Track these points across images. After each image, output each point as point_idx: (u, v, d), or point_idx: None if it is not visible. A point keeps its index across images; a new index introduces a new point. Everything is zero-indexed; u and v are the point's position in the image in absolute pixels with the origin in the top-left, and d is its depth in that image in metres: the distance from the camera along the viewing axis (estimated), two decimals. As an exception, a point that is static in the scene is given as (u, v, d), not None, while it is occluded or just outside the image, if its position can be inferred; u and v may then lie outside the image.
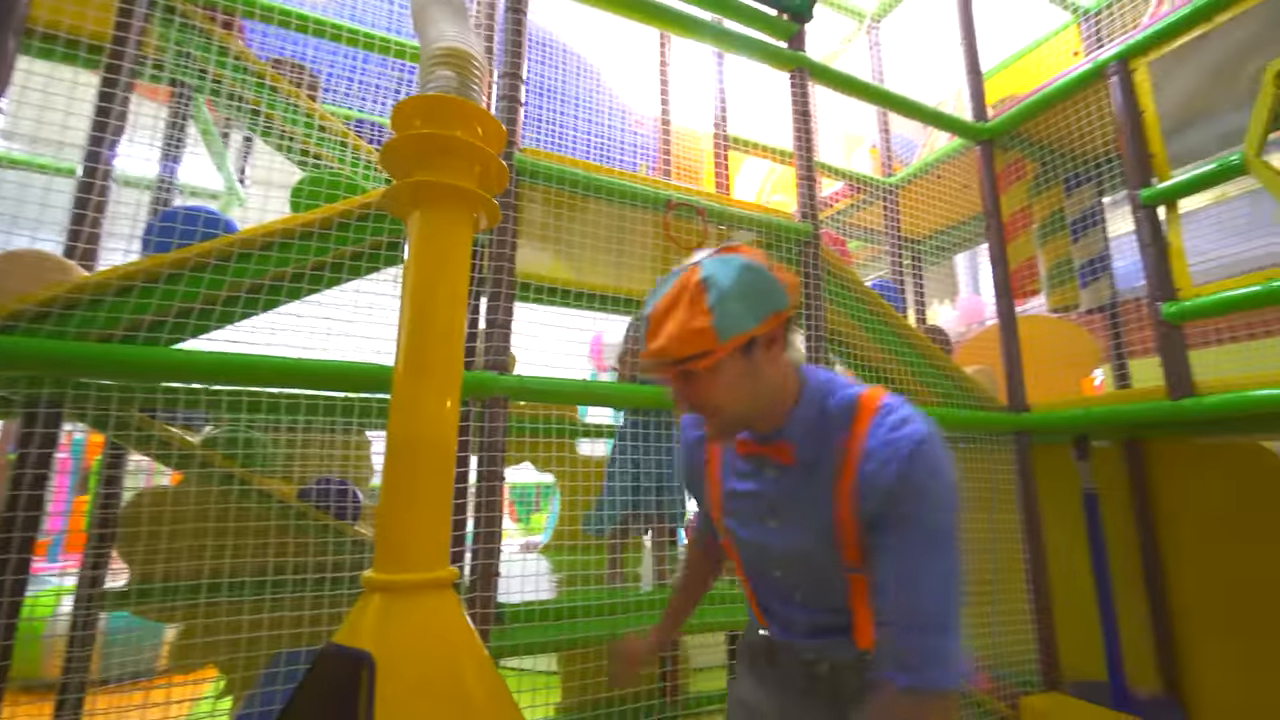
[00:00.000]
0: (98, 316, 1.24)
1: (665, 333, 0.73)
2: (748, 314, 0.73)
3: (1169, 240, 2.05)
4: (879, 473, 0.74)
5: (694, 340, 0.72)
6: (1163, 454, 2.66)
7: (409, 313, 1.05)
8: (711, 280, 0.74)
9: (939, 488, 0.73)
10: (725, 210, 1.93)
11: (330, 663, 0.91)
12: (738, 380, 0.76)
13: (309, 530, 1.76)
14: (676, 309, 0.74)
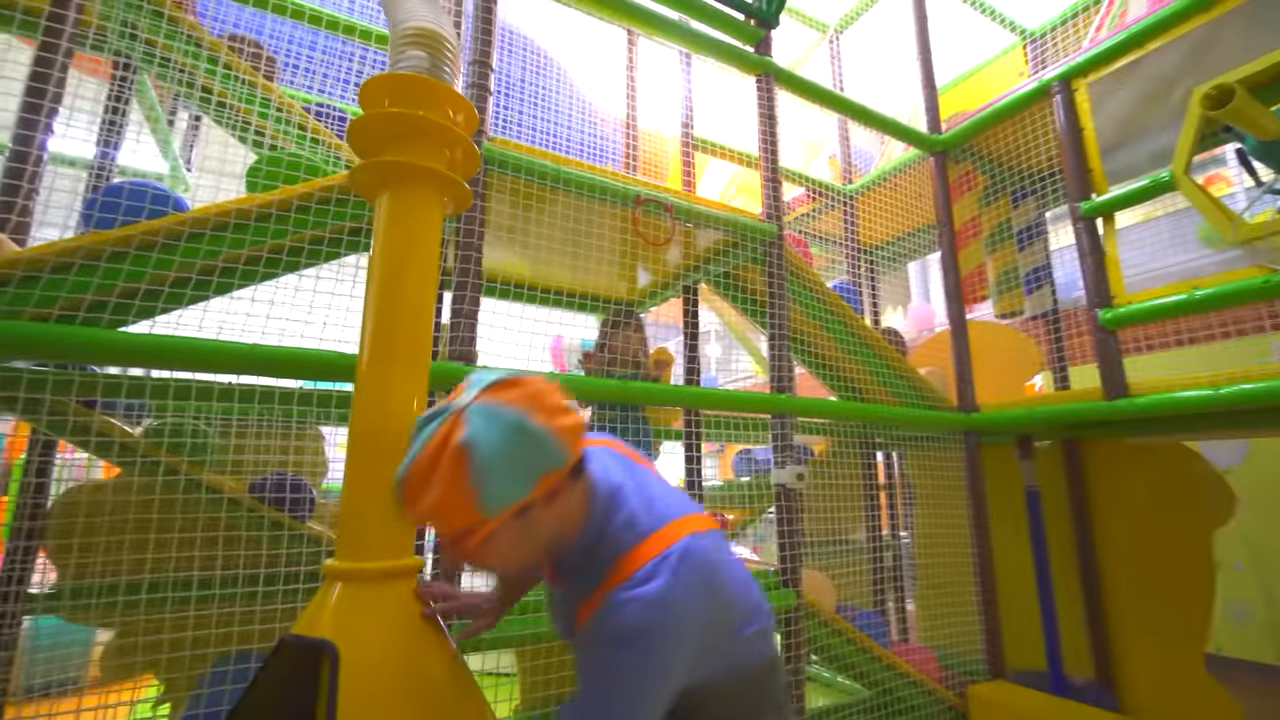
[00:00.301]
0: (32, 295, 1.16)
1: (427, 503, 0.66)
2: (517, 485, 0.67)
3: (1106, 250, 2.18)
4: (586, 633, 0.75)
5: (457, 516, 0.66)
6: (1098, 453, 2.81)
7: (376, 296, 1.03)
8: (474, 447, 0.64)
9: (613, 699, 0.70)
10: (692, 208, 1.95)
11: (289, 653, 0.88)
12: (513, 545, 0.72)
13: (258, 527, 1.68)
14: (436, 476, 0.65)
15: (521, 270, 2.44)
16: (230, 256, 1.35)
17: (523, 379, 0.73)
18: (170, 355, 1.21)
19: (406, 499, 0.68)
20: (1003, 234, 2.92)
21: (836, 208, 3.23)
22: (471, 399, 0.69)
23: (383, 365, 0.99)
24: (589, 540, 0.79)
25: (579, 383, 1.67)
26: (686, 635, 0.73)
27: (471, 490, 0.64)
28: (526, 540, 0.73)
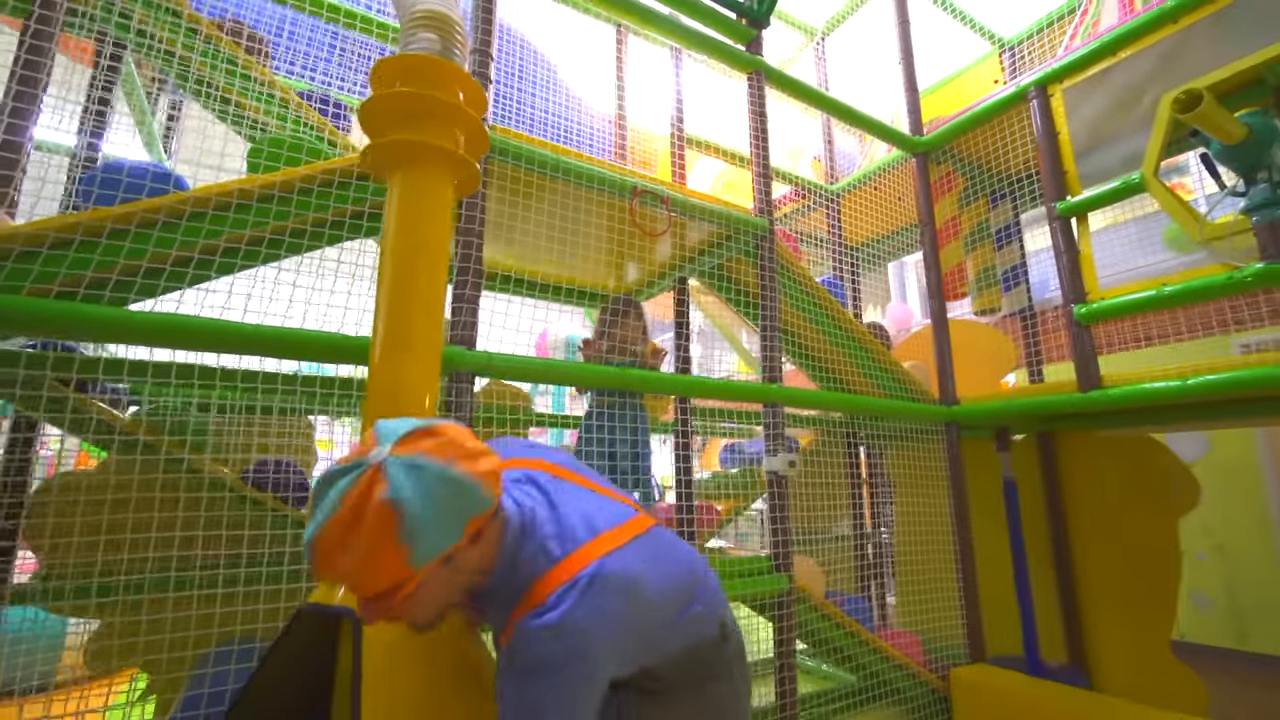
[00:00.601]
0: (30, 270, 1.14)
1: (349, 564, 0.63)
2: (447, 535, 0.67)
3: (1080, 249, 2.28)
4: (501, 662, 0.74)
5: (385, 575, 0.64)
6: (1071, 445, 2.92)
7: (389, 276, 1.04)
8: (403, 504, 0.63)
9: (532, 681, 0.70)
10: (687, 201, 1.99)
11: (308, 621, 0.88)
12: (438, 592, 0.72)
13: (251, 515, 1.67)
14: (359, 536, 0.62)
15: (509, 261, 2.45)
16: (232, 237, 1.34)
17: (436, 427, 0.72)
18: (173, 334, 1.20)
19: (322, 562, 0.63)
20: (981, 234, 3.02)
21: (821, 207, 3.30)
22: (387, 452, 0.66)
23: (396, 342, 1.00)
24: (502, 573, 0.78)
25: (579, 369, 1.69)
26: (597, 655, 0.73)
27: (401, 548, 0.63)
28: (450, 585, 0.73)
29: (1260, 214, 1.83)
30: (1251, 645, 3.29)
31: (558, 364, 1.65)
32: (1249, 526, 3.39)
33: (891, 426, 2.46)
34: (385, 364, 1.00)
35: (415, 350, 1.02)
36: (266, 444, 1.91)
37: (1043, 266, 3.32)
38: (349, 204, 1.47)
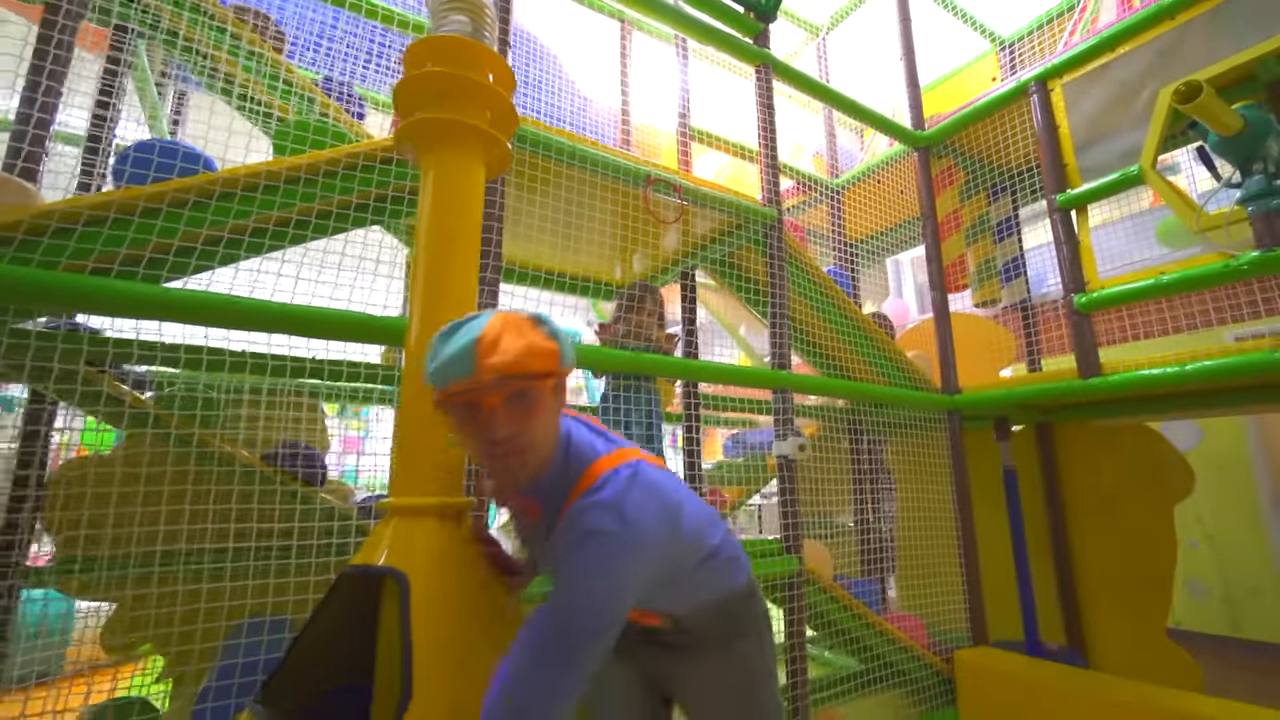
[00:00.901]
0: (66, 247, 1.16)
1: (510, 348, 0.71)
2: (569, 353, 0.78)
3: (1080, 239, 2.33)
4: (556, 542, 0.80)
5: (543, 358, 0.73)
6: (1068, 435, 2.98)
7: (425, 252, 1.06)
8: (541, 317, 0.76)
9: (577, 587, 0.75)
10: (699, 190, 2.02)
11: (351, 583, 0.91)
12: (550, 418, 0.80)
13: (272, 496, 1.68)
14: (513, 331, 0.72)
15: (514, 254, 2.47)
16: (261, 219, 1.36)
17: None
18: (205, 311, 1.22)
19: (483, 349, 0.71)
20: (981, 227, 3.07)
21: (824, 201, 3.34)
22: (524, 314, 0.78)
23: (433, 313, 1.03)
24: (558, 466, 0.86)
25: (597, 352, 1.72)
26: (643, 534, 0.78)
27: (551, 338, 0.75)
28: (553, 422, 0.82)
29: (1256, 204, 1.88)
30: (1245, 632, 3.36)
31: (577, 347, 1.68)
32: (1240, 516, 3.46)
33: (894, 416, 2.50)
34: (424, 336, 1.02)
35: (450, 309, 1.03)
36: (282, 427, 1.93)
37: (1039, 262, 3.39)
38: (373, 187, 1.50)
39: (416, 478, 0.96)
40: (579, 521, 0.77)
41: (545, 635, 0.74)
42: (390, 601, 0.89)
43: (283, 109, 1.84)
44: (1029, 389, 2.40)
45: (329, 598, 0.92)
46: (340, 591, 0.92)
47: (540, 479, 0.86)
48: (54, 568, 1.61)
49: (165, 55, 2.34)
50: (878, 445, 3.17)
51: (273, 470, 1.67)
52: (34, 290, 1.10)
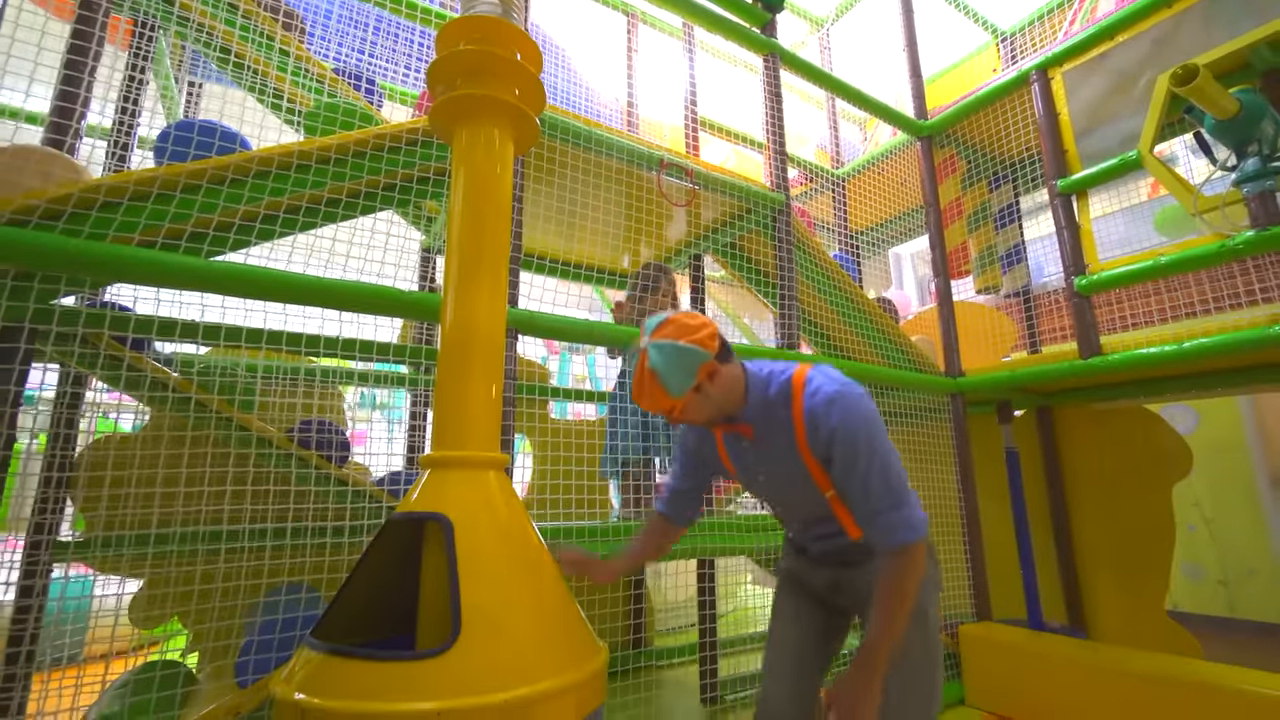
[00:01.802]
0: (113, 220, 1.21)
1: (646, 400, 1.06)
2: (685, 378, 1.03)
3: (1080, 224, 2.39)
4: (816, 429, 1.07)
5: (663, 402, 1.05)
6: (1068, 418, 3.04)
7: (458, 225, 1.11)
8: (655, 368, 1.03)
9: (855, 421, 1.05)
10: (710, 175, 2.07)
11: (396, 529, 0.96)
12: (700, 406, 1.08)
13: (297, 474, 1.73)
14: (645, 387, 1.05)
15: (527, 241, 2.52)
16: (294, 198, 1.41)
17: (670, 318, 1.08)
18: (245, 284, 1.28)
19: (635, 397, 1.07)
20: (982, 215, 3.12)
21: (827, 191, 3.40)
22: (647, 339, 1.06)
23: (469, 278, 1.08)
24: (758, 392, 1.14)
25: (614, 330, 1.77)
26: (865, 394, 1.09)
27: (662, 388, 1.03)
28: (705, 404, 1.08)
29: (1251, 185, 1.93)
30: (1241, 613, 3.42)
31: (595, 325, 1.73)
32: (1238, 499, 3.52)
33: (897, 403, 2.55)
34: (461, 302, 1.07)
35: (486, 275, 1.09)
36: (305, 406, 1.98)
37: (1039, 254, 3.44)
38: (399, 168, 1.55)
39: (455, 433, 1.02)
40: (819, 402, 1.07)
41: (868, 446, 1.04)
42: (435, 544, 0.95)
43: (305, 101, 1.89)
44: (1031, 370, 2.46)
45: (376, 542, 0.97)
46: (385, 537, 0.97)
47: (741, 411, 1.14)
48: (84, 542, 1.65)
49: (183, 45, 2.38)
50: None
51: (295, 446, 1.72)
52: (84, 260, 1.15)
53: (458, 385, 1.03)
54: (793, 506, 1.23)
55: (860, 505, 1.05)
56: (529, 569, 0.96)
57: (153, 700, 1.17)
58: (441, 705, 0.75)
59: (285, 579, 1.60)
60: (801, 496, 1.17)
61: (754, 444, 1.16)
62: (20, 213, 1.14)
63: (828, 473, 1.09)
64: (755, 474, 1.21)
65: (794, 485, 1.15)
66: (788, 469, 1.14)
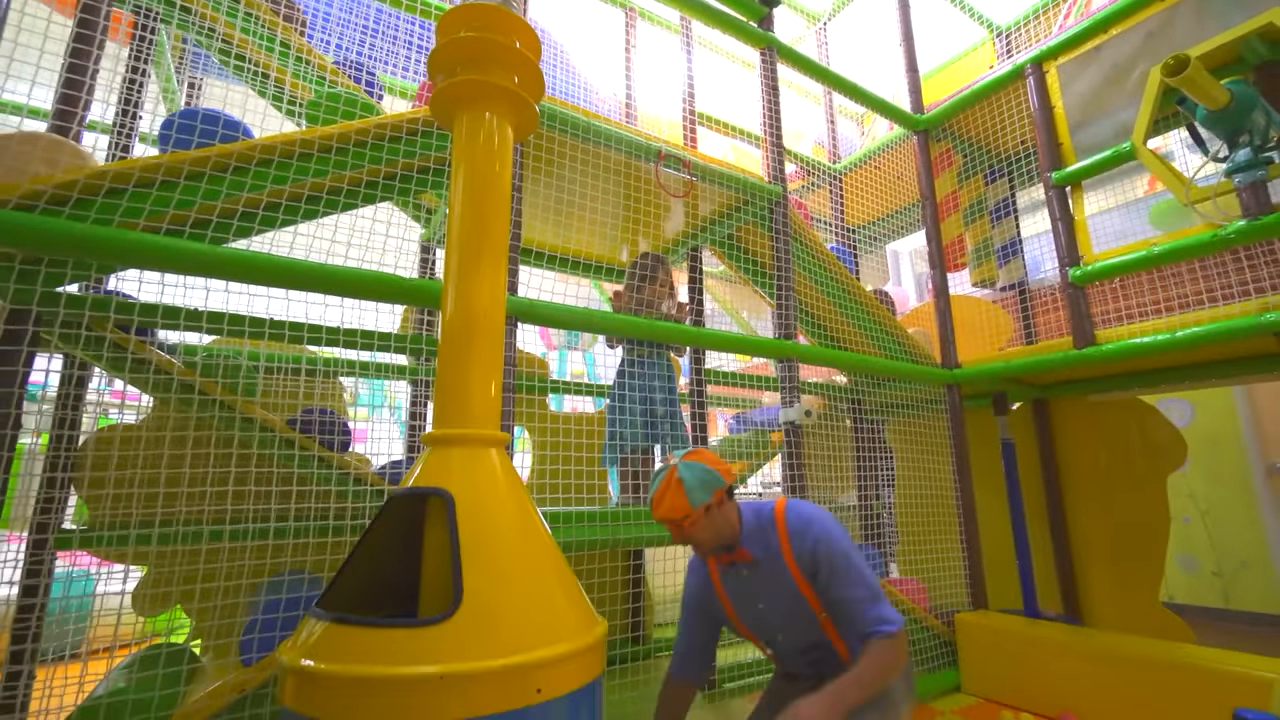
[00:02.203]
0: (118, 206, 1.23)
1: (666, 506, 1.24)
2: (704, 494, 1.24)
3: (1075, 215, 2.41)
4: (802, 542, 1.28)
5: (681, 509, 1.23)
6: (1063, 411, 3.06)
7: (461, 206, 1.13)
8: (683, 480, 1.24)
9: (832, 531, 1.29)
10: (707, 166, 2.09)
11: (400, 504, 0.98)
12: (706, 526, 1.26)
13: (298, 461, 1.74)
14: (668, 494, 1.24)
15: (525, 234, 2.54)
16: (296, 186, 1.43)
17: (699, 450, 1.32)
18: (249, 269, 1.29)
19: (655, 505, 1.25)
20: (978, 209, 3.15)
21: (824, 186, 3.42)
22: (679, 460, 1.28)
23: (471, 264, 1.10)
24: (750, 521, 1.33)
25: (614, 319, 1.79)
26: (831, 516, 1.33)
27: (685, 496, 1.22)
28: (712, 526, 1.27)
29: (1243, 175, 1.96)
30: (1235, 604, 3.44)
31: (595, 313, 1.75)
32: (1233, 492, 3.54)
33: (894, 396, 2.57)
34: (462, 286, 1.09)
35: (486, 260, 1.11)
36: (306, 396, 2.00)
37: (1035, 250, 3.46)
38: (400, 157, 1.57)
39: (456, 412, 1.03)
40: (807, 532, 1.29)
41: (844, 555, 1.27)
42: (437, 519, 0.97)
43: (305, 94, 1.91)
44: (1026, 360, 2.48)
45: (380, 518, 0.99)
46: (389, 513, 0.99)
47: (735, 539, 1.32)
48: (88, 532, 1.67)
49: (184, 39, 2.40)
50: (879, 427, 3.25)
51: (297, 435, 1.73)
52: (90, 244, 1.17)
53: (460, 364, 1.05)
54: (791, 633, 1.35)
55: (849, 605, 1.24)
56: (529, 543, 0.98)
57: (159, 676, 1.18)
58: (444, 669, 0.77)
59: (288, 566, 1.62)
60: (797, 620, 1.31)
61: (751, 569, 1.33)
62: (27, 198, 1.15)
63: (814, 588, 1.28)
64: (755, 603, 1.34)
65: (790, 608, 1.31)
66: (783, 590, 1.30)
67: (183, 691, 1.24)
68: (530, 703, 0.81)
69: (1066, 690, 2.05)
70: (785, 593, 1.29)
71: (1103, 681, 1.97)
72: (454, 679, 0.77)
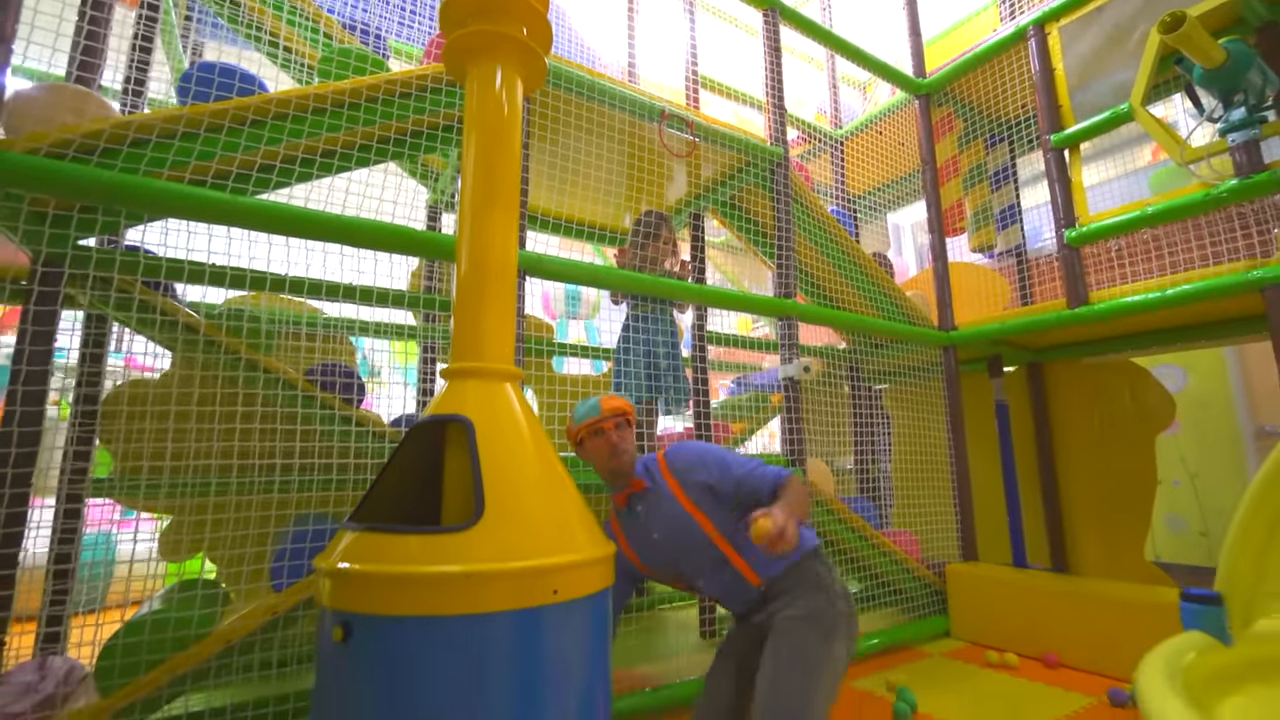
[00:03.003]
0: (143, 156, 1.28)
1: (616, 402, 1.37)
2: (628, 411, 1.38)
3: (1072, 177, 2.44)
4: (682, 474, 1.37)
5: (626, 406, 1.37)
6: (1057, 374, 3.12)
7: (474, 153, 1.18)
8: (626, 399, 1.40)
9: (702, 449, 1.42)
10: (710, 127, 2.12)
11: (422, 430, 1.05)
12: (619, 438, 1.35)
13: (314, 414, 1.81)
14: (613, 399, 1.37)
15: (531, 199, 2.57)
16: (310, 141, 1.47)
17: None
18: (270, 218, 1.35)
19: (604, 401, 1.36)
20: (978, 174, 3.17)
21: (826, 152, 3.43)
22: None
23: (485, 207, 1.15)
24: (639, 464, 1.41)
25: (619, 274, 1.84)
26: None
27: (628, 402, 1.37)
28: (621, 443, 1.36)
29: (1237, 134, 1.99)
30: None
31: (601, 268, 1.80)
32: (1222, 454, 3.62)
33: (892, 361, 2.62)
34: (477, 232, 1.14)
35: (499, 204, 1.16)
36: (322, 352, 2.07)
37: (1034, 220, 3.48)
38: (410, 114, 1.61)
39: (472, 347, 1.10)
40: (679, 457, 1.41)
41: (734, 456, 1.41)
42: (456, 445, 1.03)
43: (313, 58, 1.94)
44: (1021, 321, 2.54)
45: (403, 443, 1.06)
46: (411, 439, 1.06)
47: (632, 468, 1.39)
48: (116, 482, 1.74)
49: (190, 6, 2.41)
50: (877, 393, 3.32)
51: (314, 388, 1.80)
52: (118, 191, 1.22)
53: (475, 301, 1.11)
54: (689, 557, 1.36)
55: (748, 482, 1.32)
56: (544, 465, 1.05)
57: (198, 596, 1.27)
58: (469, 568, 0.84)
59: (312, 511, 1.70)
60: (692, 544, 1.34)
61: (643, 501, 1.39)
62: (56, 146, 1.20)
63: (701, 509, 1.33)
64: (650, 534, 1.38)
65: (681, 530, 1.34)
66: (672, 516, 1.35)
67: (219, 611, 1.33)
68: (548, 602, 0.89)
69: (1050, 634, 2.15)
70: (675, 517, 1.34)
71: (1085, 624, 2.06)
72: (478, 577, 0.84)
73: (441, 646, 0.82)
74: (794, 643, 1.22)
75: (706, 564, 1.35)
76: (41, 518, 1.58)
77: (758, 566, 1.32)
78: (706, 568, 1.35)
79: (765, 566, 1.32)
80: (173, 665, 1.20)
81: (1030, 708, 1.80)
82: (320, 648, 0.90)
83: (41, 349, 1.33)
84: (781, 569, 1.31)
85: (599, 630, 0.98)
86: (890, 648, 2.31)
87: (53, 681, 1.31)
